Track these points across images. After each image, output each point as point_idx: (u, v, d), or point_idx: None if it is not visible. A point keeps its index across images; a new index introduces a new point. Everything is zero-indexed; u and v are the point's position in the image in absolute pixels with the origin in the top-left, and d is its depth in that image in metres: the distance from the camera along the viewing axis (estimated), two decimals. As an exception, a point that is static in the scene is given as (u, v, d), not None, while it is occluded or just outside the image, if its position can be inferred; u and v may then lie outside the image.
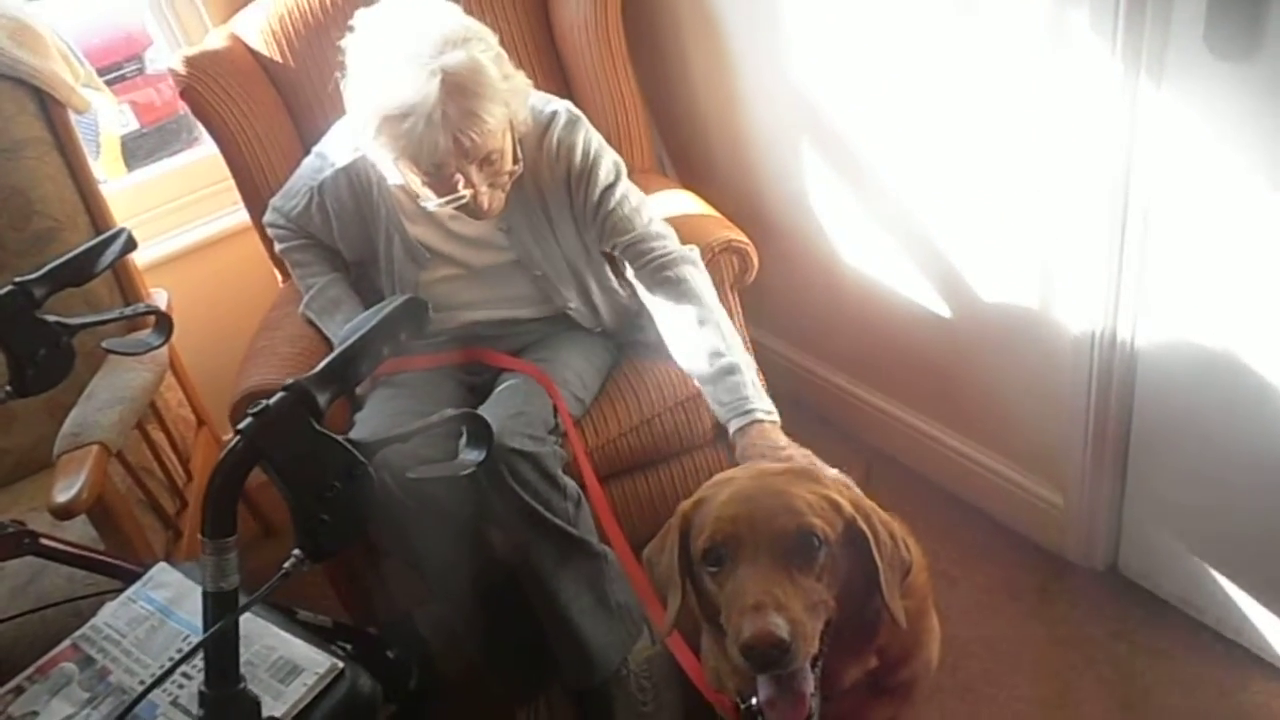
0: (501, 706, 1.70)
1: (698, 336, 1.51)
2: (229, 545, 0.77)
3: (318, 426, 0.80)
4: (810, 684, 1.03)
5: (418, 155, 1.39)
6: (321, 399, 0.80)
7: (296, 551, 0.81)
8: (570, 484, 1.54)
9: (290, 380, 0.80)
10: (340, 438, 0.82)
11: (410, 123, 1.36)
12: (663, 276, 1.55)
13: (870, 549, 1.07)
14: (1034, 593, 1.77)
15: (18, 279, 1.15)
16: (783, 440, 1.39)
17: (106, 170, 2.28)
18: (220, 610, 0.77)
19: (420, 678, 1.73)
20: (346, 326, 0.89)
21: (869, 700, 1.20)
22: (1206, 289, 1.37)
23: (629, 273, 1.61)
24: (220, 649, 0.78)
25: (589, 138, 1.57)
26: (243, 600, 0.80)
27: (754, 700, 1.12)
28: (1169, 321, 1.45)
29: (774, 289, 1.96)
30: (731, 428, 1.43)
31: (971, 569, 1.83)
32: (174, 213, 2.21)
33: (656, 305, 1.57)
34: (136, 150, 2.74)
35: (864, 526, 1.08)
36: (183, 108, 3.07)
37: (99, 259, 1.20)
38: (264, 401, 0.78)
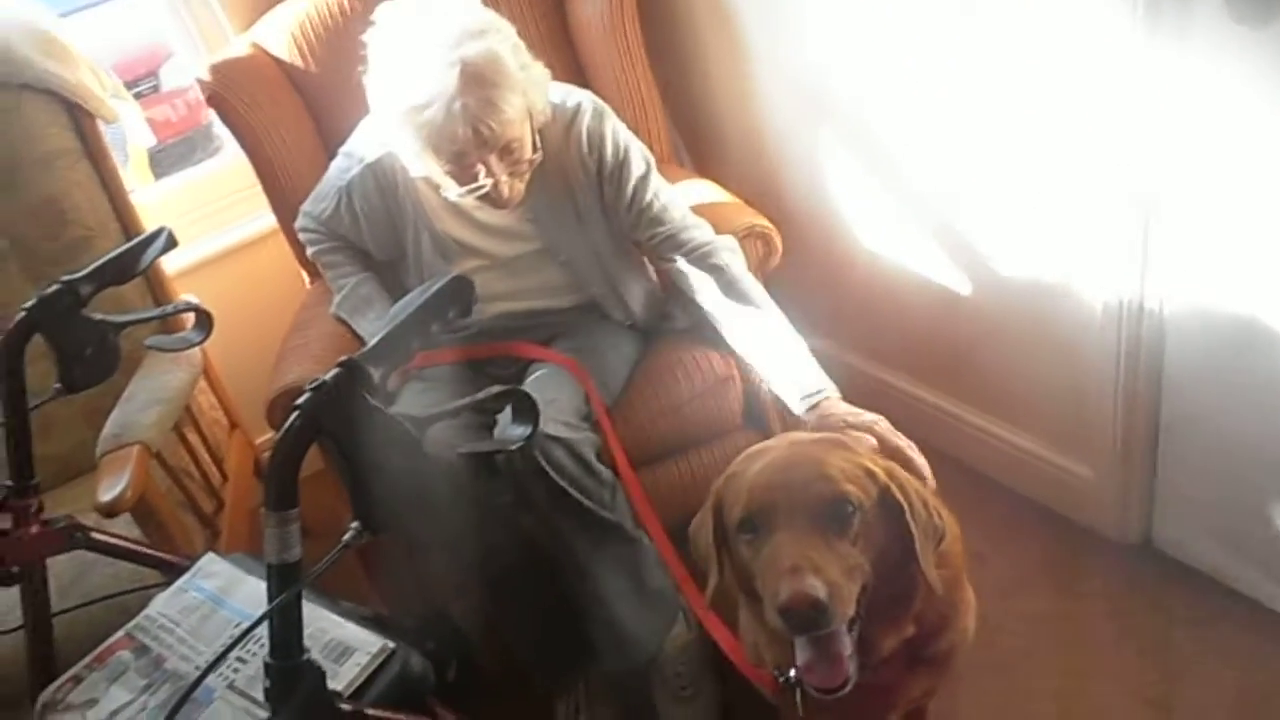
0: (540, 697, 1.72)
1: (751, 324, 1.55)
2: (291, 518, 0.79)
3: (372, 401, 0.82)
4: (848, 647, 1.04)
5: (439, 145, 1.42)
6: (375, 374, 0.82)
7: (354, 524, 0.83)
8: (605, 470, 1.55)
9: (344, 357, 0.82)
10: (394, 413, 0.84)
11: (430, 113, 1.39)
12: (708, 265, 1.58)
13: (904, 517, 1.08)
14: (1067, 568, 1.78)
15: (65, 277, 1.17)
16: (853, 408, 1.41)
17: (136, 179, 2.31)
18: (284, 582, 0.79)
19: (459, 669, 1.74)
20: (395, 305, 0.91)
21: (908, 671, 1.21)
22: (1234, 257, 1.38)
23: (664, 264, 1.63)
24: (285, 620, 0.80)
25: (618, 130, 1.59)
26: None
27: (792, 672, 1.13)
28: (1198, 290, 1.45)
29: (793, 275, 1.97)
30: (803, 407, 1.45)
31: (1002, 546, 1.83)
32: (201, 220, 2.24)
33: (704, 294, 1.60)
34: (160, 162, 2.78)
35: (898, 494, 1.09)
36: (205, 118, 3.12)
37: (141, 257, 1.23)
38: (321, 378, 0.80)
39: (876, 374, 2.15)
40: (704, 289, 1.59)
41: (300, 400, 0.79)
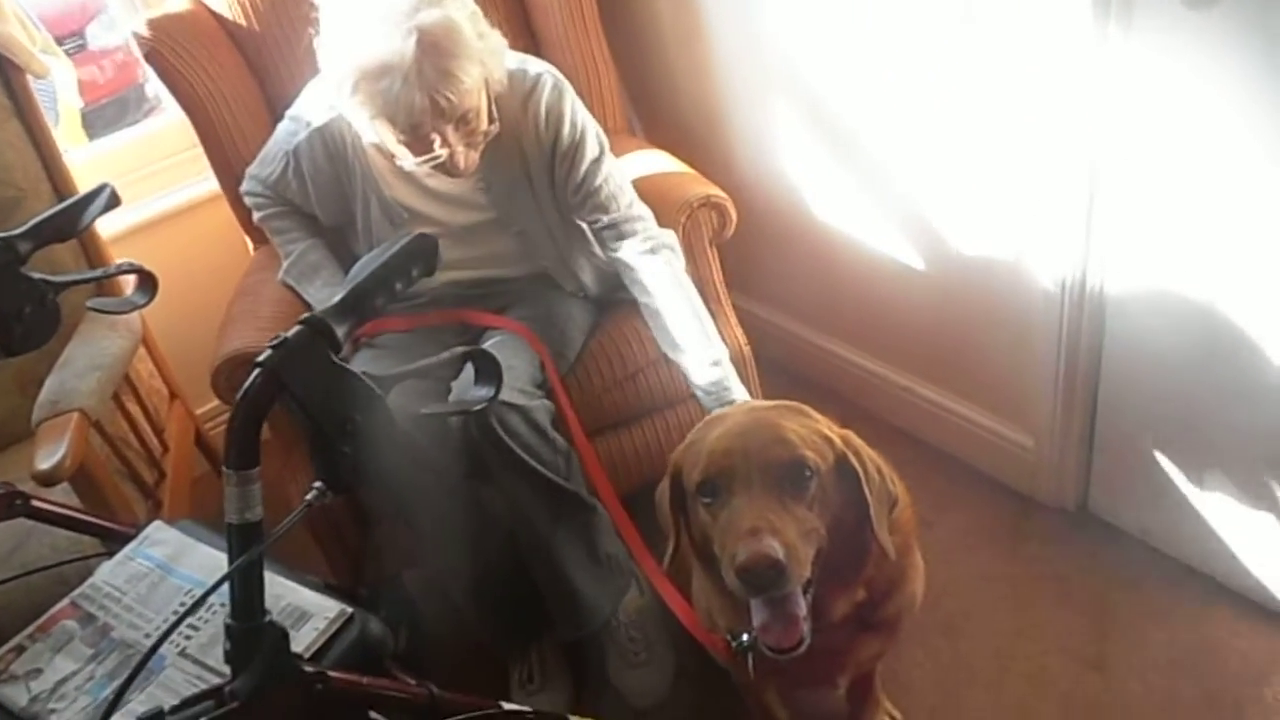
0: (494, 663, 1.72)
1: (680, 328, 1.56)
2: (252, 477, 0.77)
3: (336, 359, 0.80)
4: (803, 608, 1.06)
5: (394, 115, 1.39)
6: (339, 331, 0.80)
7: (318, 484, 0.82)
8: (559, 439, 1.55)
9: (306, 315, 0.81)
10: (358, 370, 0.82)
11: (386, 82, 1.35)
12: (643, 264, 1.59)
13: (859, 483, 1.10)
14: (1008, 533, 1.83)
15: (2, 234, 1.12)
16: (772, 401, 1.42)
17: (68, 139, 2.21)
18: (245, 542, 0.77)
19: (409, 638, 1.73)
20: (359, 262, 0.89)
21: (858, 635, 1.24)
22: (1174, 237, 1.43)
23: (606, 252, 1.63)
24: (246, 581, 0.78)
25: (575, 109, 1.58)
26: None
27: (745, 637, 1.15)
28: (1137, 270, 1.50)
29: (745, 248, 1.99)
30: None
31: (947, 513, 1.88)
32: (138, 182, 2.15)
33: (637, 289, 1.61)
34: (93, 123, 2.67)
35: (853, 460, 1.11)
36: (139, 78, 3.00)
37: (83, 215, 1.18)
38: (283, 335, 0.79)
39: (825, 345, 2.18)
40: (638, 284, 1.60)
41: (262, 358, 0.77)
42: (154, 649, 0.80)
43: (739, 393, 1.54)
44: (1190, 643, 1.58)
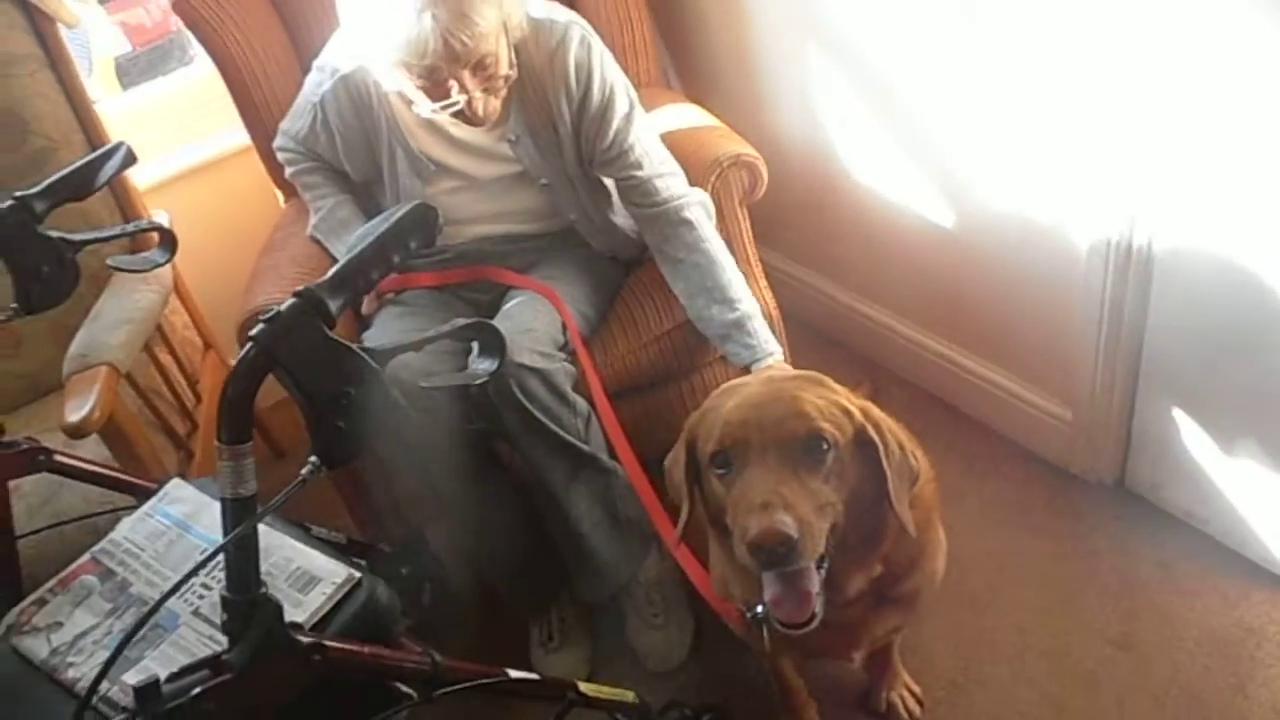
0: (515, 621, 1.73)
1: (708, 293, 1.54)
2: (245, 451, 0.77)
3: (330, 333, 0.79)
4: (815, 584, 1.04)
5: (409, 60, 1.37)
6: (333, 305, 0.79)
7: (313, 459, 0.81)
8: (580, 401, 1.54)
9: (300, 287, 0.79)
10: (353, 345, 0.81)
11: (403, 25, 1.33)
12: (677, 219, 1.55)
13: (879, 457, 1.07)
14: (1040, 506, 1.79)
15: (17, 193, 1.12)
16: (791, 371, 1.40)
17: (101, 89, 2.22)
18: (239, 516, 0.77)
19: (433, 594, 1.76)
20: (355, 234, 0.87)
21: (875, 610, 1.22)
22: (1229, 195, 1.34)
23: (636, 209, 1.60)
24: (240, 554, 0.79)
25: (605, 64, 1.54)
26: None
27: (759, 608, 1.14)
28: (1187, 229, 1.42)
29: (779, 205, 1.93)
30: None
31: (978, 483, 1.84)
32: (172, 134, 2.16)
33: (662, 252, 1.59)
34: (129, 71, 2.67)
35: (873, 434, 1.08)
36: (175, 26, 3.00)
37: (98, 173, 1.18)
38: (275, 308, 0.77)
39: (859, 307, 2.13)
40: (662, 247, 1.58)
41: (253, 331, 0.76)
42: (149, 614, 0.81)
43: (770, 348, 1.52)
44: (1223, 626, 1.53)
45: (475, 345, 0.95)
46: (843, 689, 1.56)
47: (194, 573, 0.79)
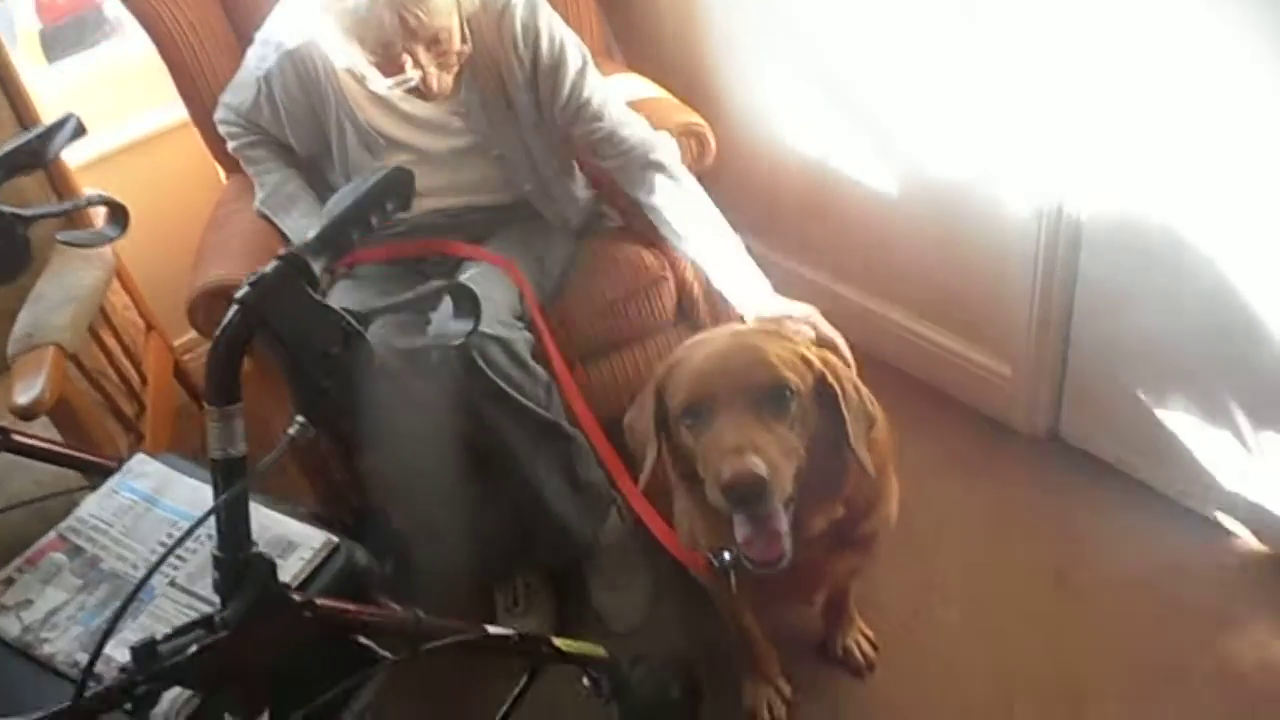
0: (479, 589, 1.75)
1: (693, 222, 1.57)
2: (234, 412, 0.78)
3: (314, 294, 0.80)
4: (784, 524, 1.09)
5: (363, 35, 1.37)
6: (316, 266, 0.80)
7: (299, 419, 0.82)
8: (540, 370, 1.56)
9: (283, 250, 0.80)
10: (337, 307, 0.82)
11: (354, 1, 1.33)
12: (648, 162, 1.58)
13: (838, 403, 1.13)
14: (980, 459, 1.88)
15: (-35, 167, 1.10)
16: (786, 301, 1.48)
17: (27, 60, 2.14)
18: (230, 477, 0.78)
19: (395, 568, 1.76)
20: (334, 197, 0.88)
21: (834, 552, 1.28)
22: (1151, 167, 1.43)
23: (605, 161, 1.62)
24: (232, 514, 0.80)
25: (553, 22, 1.55)
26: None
27: (726, 555, 1.19)
28: (1113, 200, 1.51)
29: (721, 172, 1.97)
30: (748, 313, 1.50)
31: (920, 439, 1.90)
32: (104, 109, 2.10)
33: (641, 199, 1.61)
34: (51, 46, 2.58)
35: (832, 381, 1.14)
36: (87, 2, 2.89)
37: (49, 145, 1.16)
38: (260, 270, 0.78)
39: (803, 273, 2.18)
40: (645, 188, 1.59)
41: (239, 294, 0.77)
42: (141, 584, 0.81)
43: (760, 283, 1.54)
44: (1153, 561, 1.63)
45: (445, 307, 0.96)
46: (801, 638, 1.62)
47: (182, 540, 0.80)
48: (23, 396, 1.38)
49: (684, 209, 1.57)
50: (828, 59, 1.80)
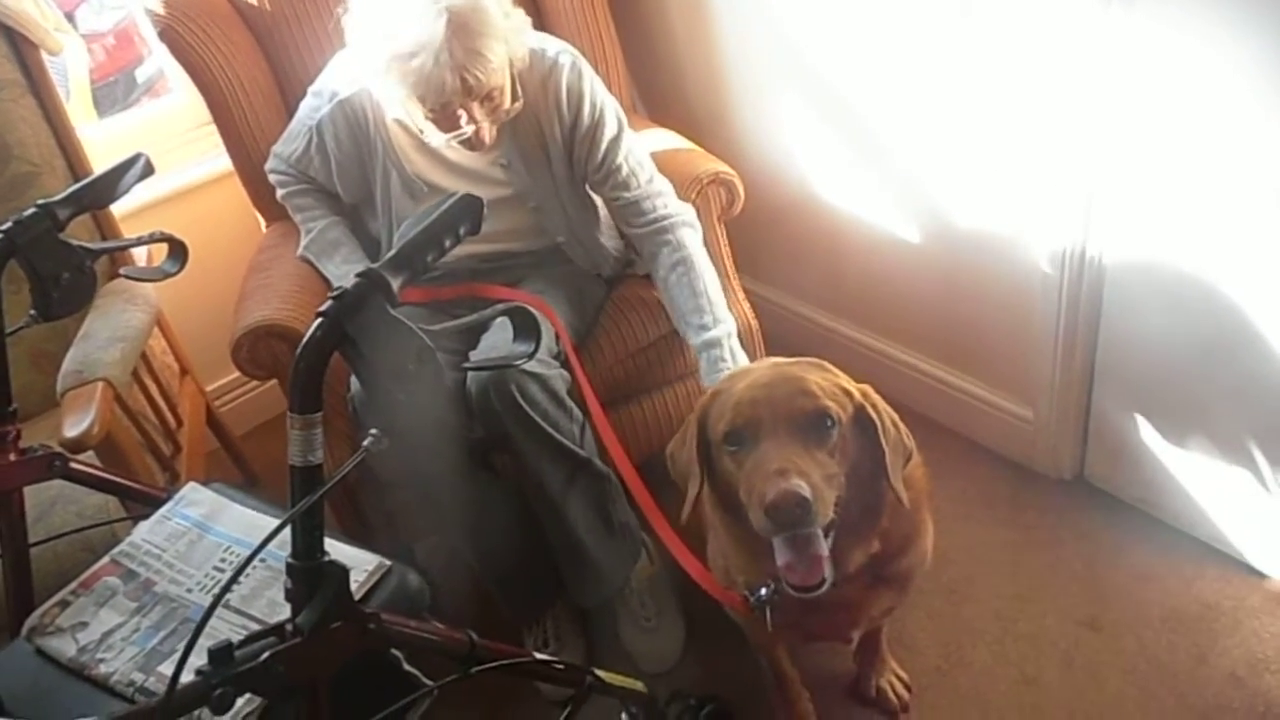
0: (508, 629, 1.75)
1: (688, 309, 1.61)
2: (314, 421, 0.81)
3: (391, 311, 0.84)
4: (825, 548, 1.11)
5: (424, 94, 1.43)
6: (394, 284, 0.84)
7: (374, 431, 0.85)
8: (575, 408, 1.59)
9: (364, 268, 0.84)
10: (410, 323, 0.86)
11: (418, 61, 1.39)
12: (663, 239, 1.64)
13: (876, 435, 1.16)
14: (1006, 502, 1.89)
15: (41, 201, 1.15)
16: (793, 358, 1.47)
17: (80, 115, 2.22)
18: (308, 483, 0.81)
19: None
20: (407, 221, 0.92)
21: (871, 588, 1.29)
22: (1173, 211, 1.47)
23: (627, 228, 1.68)
24: (307, 522, 0.82)
25: (595, 88, 1.62)
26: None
27: (763, 591, 1.20)
28: (1135, 243, 1.55)
29: (750, 230, 2.03)
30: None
31: (947, 483, 1.93)
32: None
33: (651, 268, 1.67)
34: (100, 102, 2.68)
35: (871, 413, 1.17)
36: (133, 61, 3.00)
37: (119, 182, 1.21)
38: (343, 286, 0.82)
39: (829, 324, 2.23)
40: (654, 259, 1.65)
41: (324, 307, 0.80)
42: (220, 597, 0.82)
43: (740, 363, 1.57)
44: (1182, 603, 1.64)
45: (492, 335, 0.99)
46: (834, 679, 1.62)
47: (264, 545, 0.82)
48: (73, 430, 1.41)
49: (680, 291, 1.61)
50: (849, 108, 1.86)
